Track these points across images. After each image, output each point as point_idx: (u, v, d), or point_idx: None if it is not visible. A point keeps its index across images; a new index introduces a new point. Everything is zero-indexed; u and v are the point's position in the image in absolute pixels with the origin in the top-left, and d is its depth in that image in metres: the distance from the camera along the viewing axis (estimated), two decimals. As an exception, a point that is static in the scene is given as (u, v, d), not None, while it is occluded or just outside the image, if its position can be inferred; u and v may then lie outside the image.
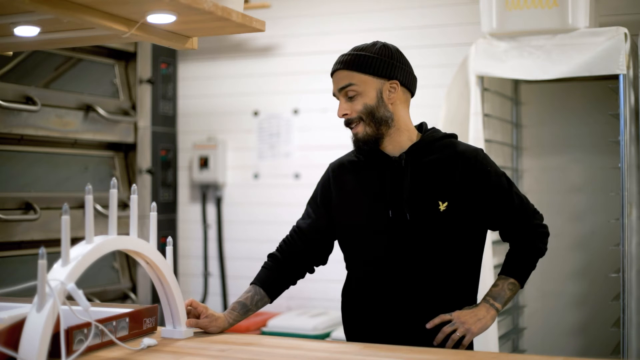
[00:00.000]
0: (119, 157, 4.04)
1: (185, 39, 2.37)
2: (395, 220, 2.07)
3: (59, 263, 1.68)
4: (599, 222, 3.78)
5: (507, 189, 2.11)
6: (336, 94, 2.12)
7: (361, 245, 2.13)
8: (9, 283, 3.34)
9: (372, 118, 2.08)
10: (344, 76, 2.09)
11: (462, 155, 2.08)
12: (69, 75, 3.78)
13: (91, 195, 1.74)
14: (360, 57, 2.09)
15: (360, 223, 2.13)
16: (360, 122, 2.08)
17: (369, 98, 2.08)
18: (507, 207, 2.11)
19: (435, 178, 2.07)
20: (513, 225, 2.14)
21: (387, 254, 2.07)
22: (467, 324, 2.01)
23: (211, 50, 4.71)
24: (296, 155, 4.52)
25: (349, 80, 2.08)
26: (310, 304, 4.37)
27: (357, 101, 2.08)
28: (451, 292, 2.08)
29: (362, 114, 2.08)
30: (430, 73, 4.02)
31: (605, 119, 3.61)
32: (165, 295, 2.02)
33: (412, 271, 2.05)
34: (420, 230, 2.05)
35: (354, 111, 2.08)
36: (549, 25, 3.21)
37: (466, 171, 2.06)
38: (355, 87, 2.08)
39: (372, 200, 2.11)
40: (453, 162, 2.07)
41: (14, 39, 2.30)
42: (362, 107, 2.08)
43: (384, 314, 2.07)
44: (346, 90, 2.09)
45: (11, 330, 1.64)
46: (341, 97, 2.10)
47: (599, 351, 3.71)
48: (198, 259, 4.75)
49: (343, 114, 2.09)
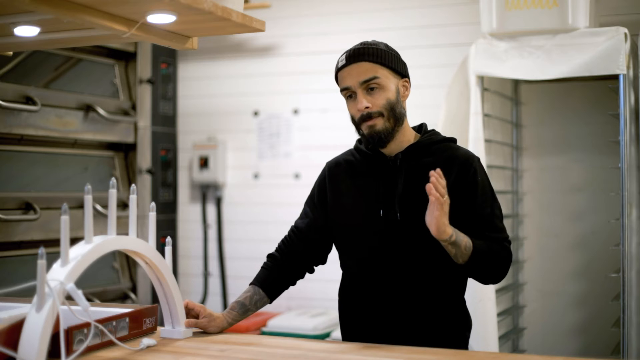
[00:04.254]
0: (119, 157, 4.04)
1: (185, 39, 2.37)
2: (385, 220, 2.07)
3: (58, 263, 1.68)
4: (599, 222, 3.78)
5: (488, 202, 2.06)
6: (354, 87, 2.06)
7: (353, 244, 2.14)
8: (9, 283, 3.35)
9: (393, 113, 2.06)
10: (368, 69, 2.05)
11: (458, 159, 2.07)
12: (69, 75, 3.78)
13: (90, 195, 1.74)
14: (381, 51, 2.07)
15: (352, 222, 2.13)
16: (380, 117, 2.05)
17: (390, 93, 2.06)
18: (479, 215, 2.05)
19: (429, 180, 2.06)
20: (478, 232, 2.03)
21: (378, 254, 2.07)
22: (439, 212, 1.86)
23: (211, 50, 4.71)
24: (296, 155, 4.52)
25: (373, 73, 2.05)
26: (310, 304, 4.37)
27: (380, 95, 2.05)
28: (440, 292, 2.08)
29: (384, 109, 2.04)
30: (430, 73, 4.02)
31: (605, 119, 3.61)
32: (164, 295, 2.02)
33: (402, 271, 2.05)
34: (410, 231, 2.04)
35: (376, 105, 2.04)
36: (549, 25, 3.21)
37: (459, 176, 2.05)
38: (379, 80, 2.05)
39: (365, 200, 2.11)
40: (448, 165, 2.06)
41: (14, 39, 2.30)
42: (385, 102, 2.04)
43: (375, 314, 2.07)
44: (369, 84, 2.04)
45: (11, 330, 1.64)
46: (360, 90, 2.05)
47: (599, 351, 3.71)
48: (198, 259, 4.75)
49: (365, 107, 2.04)
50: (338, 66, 2.11)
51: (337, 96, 4.30)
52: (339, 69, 2.11)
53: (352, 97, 2.08)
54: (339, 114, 4.34)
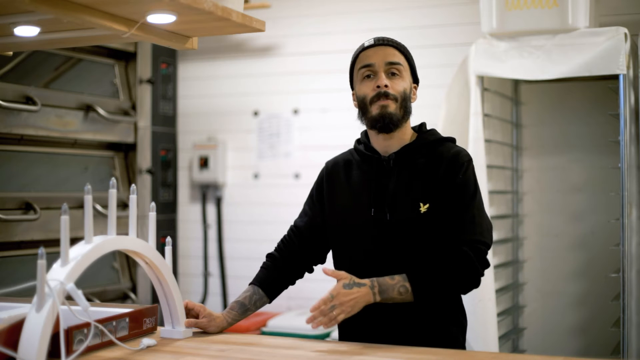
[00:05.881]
0: (119, 157, 4.04)
1: (185, 39, 2.37)
2: (376, 219, 2.07)
3: (58, 263, 1.68)
4: (599, 222, 3.78)
5: (463, 202, 2.03)
6: (378, 64, 2.07)
7: (347, 244, 2.14)
8: (9, 283, 3.35)
9: (405, 105, 2.09)
10: (395, 54, 2.10)
11: (446, 158, 2.07)
12: (69, 75, 3.78)
13: (90, 195, 1.74)
14: (405, 47, 2.15)
15: (345, 222, 2.14)
16: (395, 101, 2.07)
17: (407, 85, 2.11)
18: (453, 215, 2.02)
19: (421, 180, 2.06)
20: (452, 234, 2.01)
21: (370, 254, 2.08)
22: (345, 306, 1.92)
23: (211, 50, 4.71)
24: (296, 155, 4.52)
25: (399, 59, 2.10)
26: (310, 304, 4.31)
27: (399, 82, 2.08)
28: None
29: (399, 96, 2.07)
30: (430, 73, 4.01)
31: (605, 119, 3.61)
32: (164, 295, 2.02)
33: (393, 271, 2.04)
34: (400, 231, 2.04)
35: (394, 89, 2.07)
36: (549, 25, 3.21)
37: (445, 173, 2.05)
38: (401, 68, 2.09)
39: (358, 200, 2.12)
40: (439, 164, 2.07)
41: (14, 39, 2.30)
42: (402, 90, 2.08)
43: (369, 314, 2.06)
44: (393, 67, 2.08)
45: (11, 330, 1.64)
46: (382, 70, 2.07)
47: (599, 351, 3.70)
48: (198, 259, 4.75)
49: (385, 85, 2.06)
50: (364, 46, 2.13)
51: (337, 96, 4.36)
52: (363, 49, 2.13)
53: (371, 77, 2.09)
54: (339, 114, 4.34)
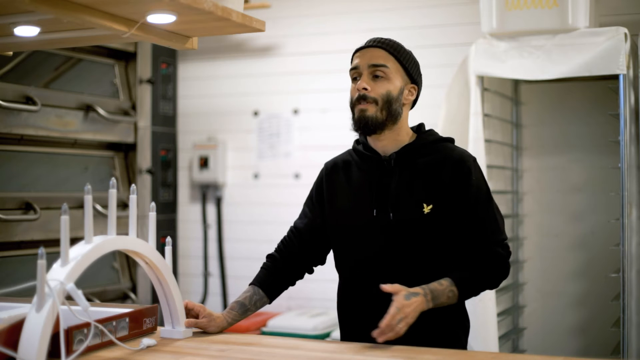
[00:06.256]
0: (119, 157, 4.04)
1: (185, 39, 2.37)
2: (378, 219, 2.07)
3: (58, 263, 1.68)
4: (599, 222, 3.78)
5: (482, 203, 2.05)
6: (362, 67, 2.08)
7: (348, 244, 2.14)
8: (9, 283, 3.34)
9: (388, 107, 2.07)
10: (381, 55, 2.09)
11: (451, 159, 2.07)
12: (69, 75, 3.78)
13: (90, 195, 1.74)
14: (399, 46, 2.12)
15: (347, 223, 2.14)
16: (374, 104, 2.06)
17: (393, 87, 2.08)
18: (472, 218, 2.04)
19: (423, 180, 2.06)
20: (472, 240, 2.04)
21: (372, 254, 2.07)
22: (409, 317, 1.90)
23: (211, 50, 4.71)
24: (296, 155, 4.52)
25: (384, 62, 2.08)
26: (310, 304, 4.37)
27: (382, 85, 2.07)
28: None
29: (380, 98, 2.06)
30: (430, 73, 3.99)
31: (605, 119, 3.61)
32: (164, 295, 2.02)
33: (396, 271, 2.04)
34: (403, 231, 2.04)
35: (375, 92, 2.06)
36: (549, 25, 3.21)
37: (453, 176, 2.05)
38: (387, 70, 2.08)
39: (359, 200, 2.11)
40: (442, 165, 2.07)
41: (14, 39, 2.30)
42: (384, 92, 2.07)
43: (371, 314, 2.06)
44: (377, 70, 2.07)
45: (11, 330, 1.64)
46: (366, 73, 2.08)
47: (599, 351, 3.70)
48: (198, 259, 4.75)
49: (363, 88, 2.06)
50: (357, 48, 2.15)
51: (337, 96, 4.36)
52: (355, 51, 2.15)
53: (357, 79, 2.11)
54: (339, 114, 4.34)
